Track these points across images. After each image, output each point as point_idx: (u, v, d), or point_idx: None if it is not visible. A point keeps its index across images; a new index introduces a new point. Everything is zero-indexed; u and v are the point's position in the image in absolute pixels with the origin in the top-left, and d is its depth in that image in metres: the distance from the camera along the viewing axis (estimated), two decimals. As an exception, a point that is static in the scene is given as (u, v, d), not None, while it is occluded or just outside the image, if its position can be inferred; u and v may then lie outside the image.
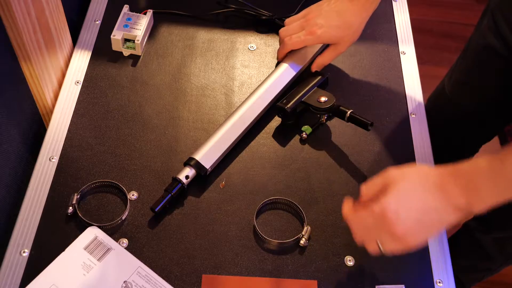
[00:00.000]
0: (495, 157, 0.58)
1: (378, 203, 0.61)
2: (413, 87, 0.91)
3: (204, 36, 0.95)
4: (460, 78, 1.03)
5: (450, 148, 1.16)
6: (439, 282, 0.71)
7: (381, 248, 0.63)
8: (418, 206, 0.61)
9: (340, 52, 0.87)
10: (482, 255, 1.18)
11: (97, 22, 0.94)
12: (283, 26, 0.89)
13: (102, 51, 0.90)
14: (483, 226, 1.14)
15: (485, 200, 0.59)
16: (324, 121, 0.85)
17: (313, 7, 0.87)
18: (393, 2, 1.03)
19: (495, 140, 1.18)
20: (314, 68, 0.89)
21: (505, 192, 0.58)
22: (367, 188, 0.65)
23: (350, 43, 0.87)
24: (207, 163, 0.76)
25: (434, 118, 0.92)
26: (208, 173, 0.77)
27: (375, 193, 0.63)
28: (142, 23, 0.90)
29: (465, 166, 0.60)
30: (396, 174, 0.63)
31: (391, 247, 0.63)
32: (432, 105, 1.13)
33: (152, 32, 0.94)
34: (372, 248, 0.64)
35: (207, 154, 0.76)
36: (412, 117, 0.87)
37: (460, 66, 1.03)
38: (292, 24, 0.88)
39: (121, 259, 0.69)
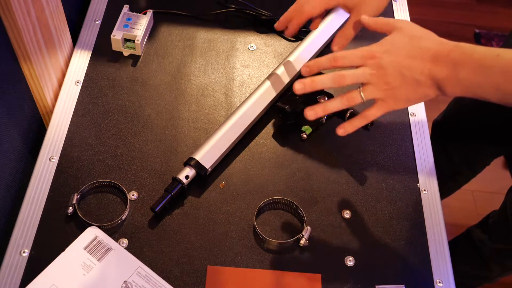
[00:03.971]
0: (492, 51, 0.60)
1: (370, 45, 0.64)
2: (413, 87, 0.91)
3: (204, 36, 0.95)
4: None
5: (462, 158, 1.16)
6: (439, 282, 0.71)
7: (362, 95, 0.66)
8: (404, 60, 0.63)
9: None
10: (480, 264, 1.17)
11: (97, 22, 0.94)
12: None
13: (102, 51, 0.90)
14: (485, 235, 1.14)
15: (461, 82, 0.61)
16: (324, 121, 0.85)
17: None
18: (393, 2, 1.03)
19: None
20: (336, 46, 0.76)
21: (480, 86, 0.60)
22: (373, 22, 0.69)
23: (376, 8, 0.75)
24: (207, 163, 0.76)
25: (451, 125, 0.91)
26: (208, 173, 0.77)
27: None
28: (142, 23, 0.90)
29: (465, 47, 0.62)
30: (404, 23, 0.66)
31: (370, 92, 0.65)
32: (451, 112, 1.12)
33: (152, 32, 0.94)
34: (353, 97, 0.67)
35: (207, 154, 0.76)
36: (412, 117, 0.87)
37: None
38: None
39: (121, 259, 0.69)
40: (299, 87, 0.68)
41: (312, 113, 0.69)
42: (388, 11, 1.02)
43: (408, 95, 0.65)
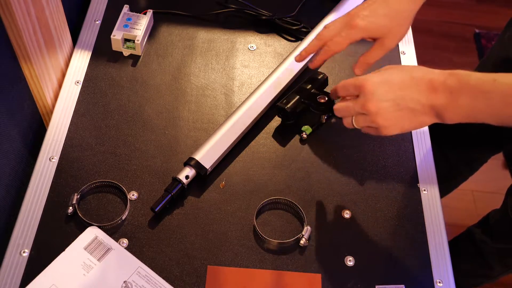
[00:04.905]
0: (488, 76, 0.60)
1: (362, 77, 0.65)
2: (413, 87, 0.91)
3: (204, 36, 0.95)
4: None
5: (458, 157, 1.16)
6: (439, 282, 0.71)
7: (354, 123, 0.68)
8: (397, 91, 0.63)
9: (389, 48, 0.75)
10: (482, 262, 1.17)
11: (97, 22, 0.94)
12: (283, 26, 0.88)
13: (102, 51, 0.90)
14: (486, 235, 1.14)
15: (461, 109, 0.61)
16: (324, 121, 0.85)
17: (357, 5, 0.77)
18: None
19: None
20: (358, 69, 0.76)
21: (480, 112, 0.60)
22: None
23: (400, 36, 0.75)
24: (207, 163, 0.76)
25: (445, 126, 0.91)
26: (208, 173, 0.77)
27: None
28: (142, 23, 0.90)
29: (461, 73, 0.61)
30: (395, 66, 0.67)
31: (361, 122, 0.67)
32: None
33: (152, 32, 0.94)
34: (346, 123, 0.70)
35: (207, 154, 0.76)
36: (412, 117, 0.87)
37: None
38: (334, 23, 0.76)
39: (121, 259, 0.69)
40: None
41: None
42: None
43: (401, 124, 0.65)
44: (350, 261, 0.72)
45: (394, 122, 0.65)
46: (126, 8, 0.92)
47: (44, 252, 0.69)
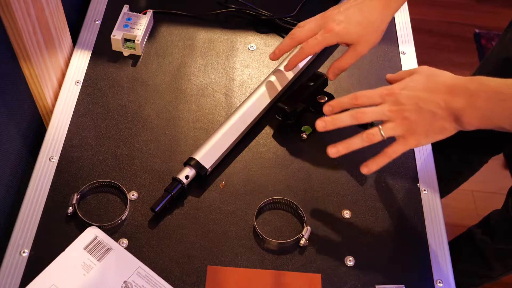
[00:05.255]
0: (509, 81, 0.61)
1: (388, 86, 0.67)
2: (413, 87, 0.91)
3: (204, 36, 0.95)
4: None
5: (460, 157, 1.16)
6: (439, 282, 0.71)
7: (382, 133, 0.67)
8: (420, 93, 0.65)
9: (361, 54, 0.78)
10: (482, 263, 1.17)
11: (97, 22, 0.94)
12: (283, 26, 0.88)
13: (102, 51, 0.90)
14: (486, 235, 1.14)
15: (477, 113, 0.62)
16: (324, 121, 0.85)
17: (332, 8, 0.79)
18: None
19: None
20: (331, 74, 0.80)
21: (497, 115, 0.61)
22: (395, 75, 0.71)
23: (371, 44, 0.78)
24: (207, 163, 0.76)
25: None
26: (208, 173, 0.77)
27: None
28: (142, 23, 0.90)
29: (483, 78, 0.63)
30: (423, 67, 0.68)
31: (389, 130, 0.66)
32: None
33: (152, 32, 0.94)
34: (369, 136, 0.68)
35: (207, 154, 0.76)
36: (412, 117, 0.87)
37: (478, 76, 1.02)
38: (308, 23, 0.78)
39: (121, 259, 0.69)
40: (321, 126, 0.71)
41: (334, 150, 0.70)
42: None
43: (425, 128, 0.65)
44: (350, 261, 0.72)
45: (418, 126, 0.65)
46: (126, 8, 0.92)
47: (44, 252, 0.69)
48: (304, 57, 0.78)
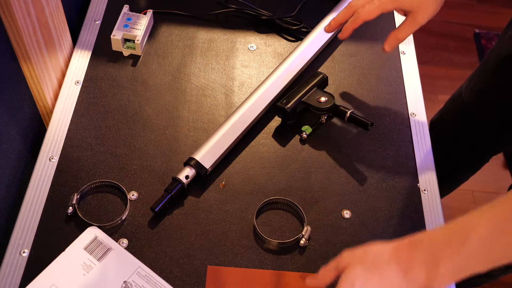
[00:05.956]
0: (454, 228, 0.55)
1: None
2: (413, 87, 0.91)
3: (204, 36, 0.95)
4: (478, 86, 1.02)
5: (459, 156, 1.16)
6: (439, 282, 0.71)
7: None
8: (377, 286, 0.56)
9: (420, 23, 0.73)
10: None
11: (97, 22, 0.94)
12: (283, 26, 0.88)
13: (102, 51, 0.90)
14: None
15: (445, 276, 0.55)
16: (324, 121, 0.85)
17: None
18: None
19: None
20: (387, 46, 0.76)
21: (465, 268, 0.56)
22: (323, 275, 0.61)
23: (431, 12, 0.72)
24: (207, 163, 0.76)
25: (448, 123, 0.90)
26: (208, 173, 0.77)
27: (332, 279, 0.60)
28: (142, 23, 0.90)
29: (422, 237, 0.56)
30: (350, 257, 0.59)
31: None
32: (448, 110, 1.13)
33: (152, 32, 0.94)
34: None
35: (207, 154, 0.76)
36: (412, 117, 0.87)
37: (479, 74, 1.02)
38: None
39: (121, 259, 0.69)
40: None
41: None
42: (389, 18, 1.02)
43: None
44: (350, 261, 0.72)
45: None
46: (126, 8, 0.92)
47: (44, 252, 0.69)
48: (360, 23, 0.75)
